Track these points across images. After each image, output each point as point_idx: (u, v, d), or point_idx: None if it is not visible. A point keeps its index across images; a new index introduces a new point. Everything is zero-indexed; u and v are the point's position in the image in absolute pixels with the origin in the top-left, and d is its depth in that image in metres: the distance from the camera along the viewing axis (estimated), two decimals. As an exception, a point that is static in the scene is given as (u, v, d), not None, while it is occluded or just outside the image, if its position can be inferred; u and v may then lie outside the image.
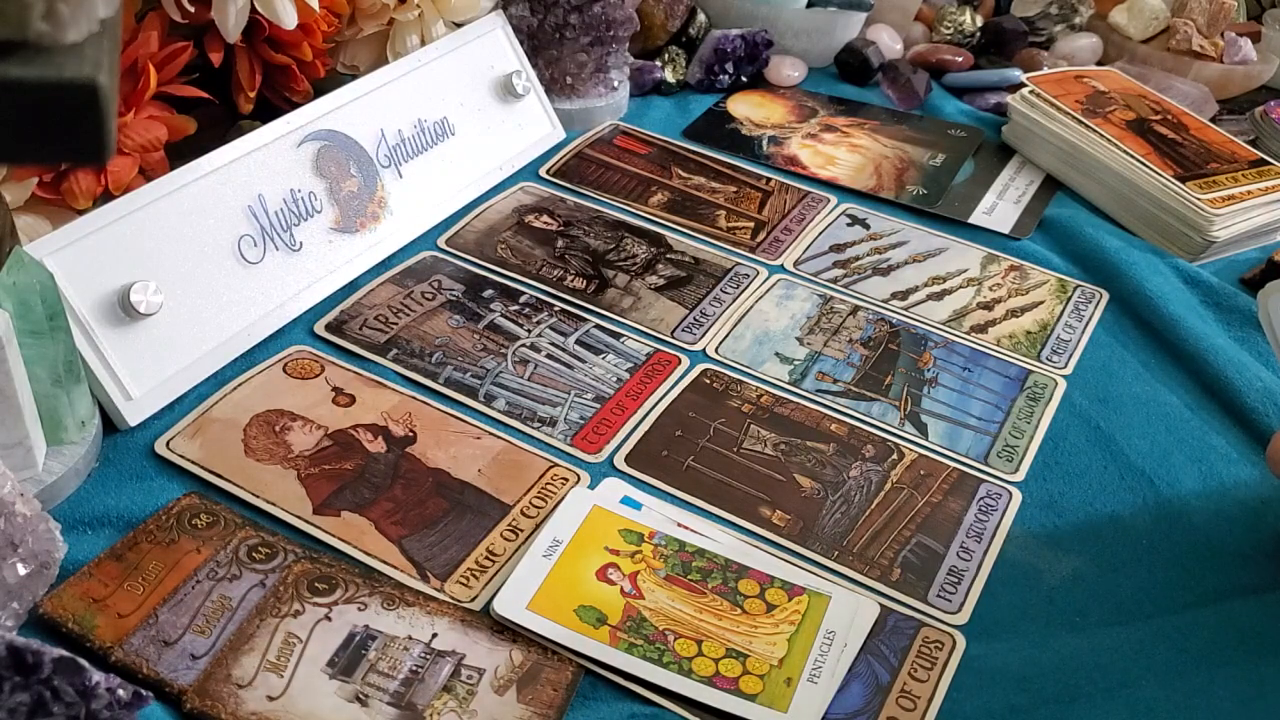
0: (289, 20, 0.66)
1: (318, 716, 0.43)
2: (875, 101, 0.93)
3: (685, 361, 0.63)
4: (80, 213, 0.57)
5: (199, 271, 0.59)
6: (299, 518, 0.51)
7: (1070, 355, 0.67)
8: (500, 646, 0.47)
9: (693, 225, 0.75)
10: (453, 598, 0.49)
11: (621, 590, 0.49)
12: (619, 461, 0.57)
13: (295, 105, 0.67)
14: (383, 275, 0.67)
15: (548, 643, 0.47)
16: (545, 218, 0.74)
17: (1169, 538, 0.56)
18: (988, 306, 0.71)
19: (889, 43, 0.98)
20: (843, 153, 0.85)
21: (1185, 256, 0.76)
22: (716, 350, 0.65)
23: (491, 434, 0.57)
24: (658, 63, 0.91)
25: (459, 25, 0.78)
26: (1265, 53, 1.00)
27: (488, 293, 0.67)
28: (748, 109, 0.90)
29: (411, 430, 0.57)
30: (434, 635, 0.47)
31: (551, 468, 0.56)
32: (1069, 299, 0.72)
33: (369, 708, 0.44)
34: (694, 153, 0.83)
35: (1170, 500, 0.58)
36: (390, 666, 0.45)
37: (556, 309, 0.66)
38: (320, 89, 0.69)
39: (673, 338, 0.65)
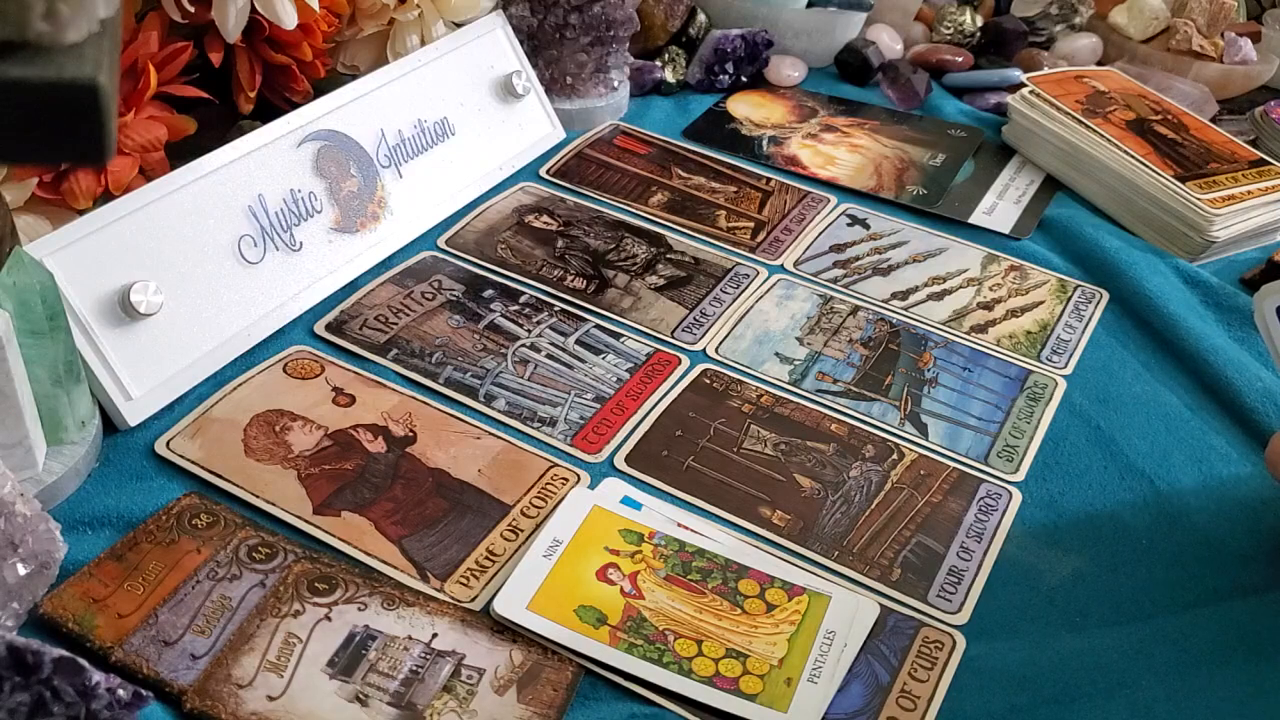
0: (289, 20, 0.66)
1: (318, 716, 0.43)
2: (875, 101, 0.93)
3: (685, 361, 0.63)
4: (80, 213, 0.57)
5: (199, 271, 0.59)
6: (299, 518, 0.51)
7: (1070, 355, 0.67)
8: (500, 646, 0.47)
9: (693, 225, 0.75)
10: (453, 598, 0.49)
11: (621, 590, 0.49)
12: (619, 461, 0.57)
13: (295, 105, 0.67)
14: (383, 275, 0.67)
15: (548, 643, 0.47)
16: (545, 218, 0.74)
17: (1169, 538, 0.56)
18: (988, 306, 0.71)
19: (889, 43, 0.98)
20: (843, 153, 0.85)
21: (1185, 256, 0.76)
22: (716, 350, 0.65)
23: (491, 434, 0.57)
24: (658, 63, 0.91)
25: (459, 25, 0.78)
26: (1265, 53, 1.00)
27: (488, 293, 0.67)
28: (748, 109, 0.90)
29: (411, 430, 0.57)
30: (434, 635, 0.47)
31: (551, 468, 0.56)
32: (1069, 299, 0.72)
33: (369, 708, 0.44)
34: (694, 153, 0.83)
35: (1170, 500, 0.58)
36: (390, 666, 0.45)
37: (556, 309, 0.66)
38: (320, 89, 0.69)
39: (673, 338, 0.65)
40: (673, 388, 0.61)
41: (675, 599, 0.49)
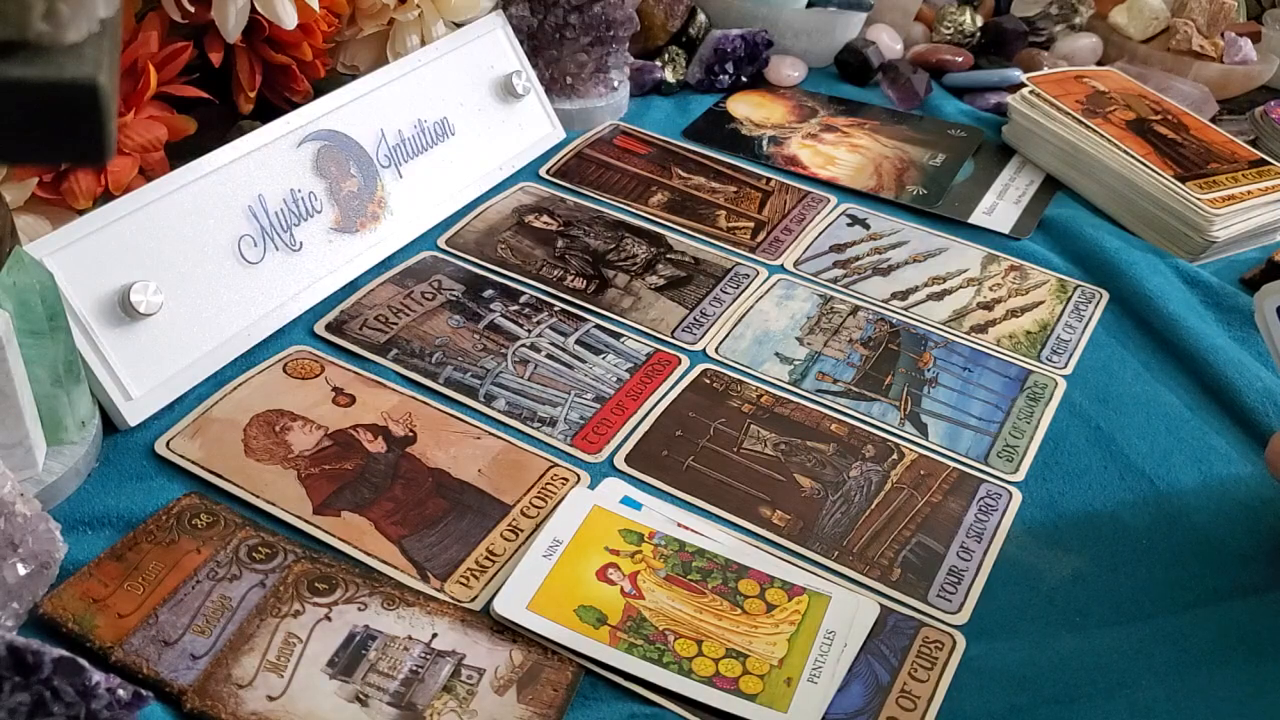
0: (289, 20, 0.66)
1: (318, 716, 0.43)
2: (875, 101, 0.93)
3: (685, 361, 0.63)
4: (80, 213, 0.57)
5: (199, 271, 0.59)
6: (299, 518, 0.51)
7: (1070, 355, 0.67)
8: (500, 646, 0.47)
9: (693, 225, 0.75)
10: (453, 598, 0.49)
11: (621, 590, 0.49)
12: (619, 461, 0.57)
13: (295, 105, 0.67)
14: (383, 275, 0.67)
15: (548, 643, 0.47)
16: (545, 218, 0.74)
17: (1169, 538, 0.56)
18: (988, 306, 0.71)
19: (889, 43, 0.98)
20: (843, 153, 0.85)
21: (1185, 256, 0.76)
22: (716, 350, 0.65)
23: (491, 434, 0.57)
24: (658, 63, 0.91)
25: (459, 25, 0.78)
26: (1265, 53, 1.00)
27: (488, 293, 0.67)
28: (748, 109, 0.90)
29: (411, 430, 0.57)
30: (434, 635, 0.47)
31: (551, 468, 0.56)
32: (1069, 299, 0.72)
33: (369, 708, 0.44)
34: (694, 153, 0.83)
35: (1170, 500, 0.58)
36: (390, 666, 0.45)
37: (556, 309, 0.66)
38: (320, 89, 0.69)
39: (673, 338, 0.65)
40: (673, 388, 0.61)
41: (675, 599, 0.49)
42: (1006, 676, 0.48)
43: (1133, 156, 0.78)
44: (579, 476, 0.55)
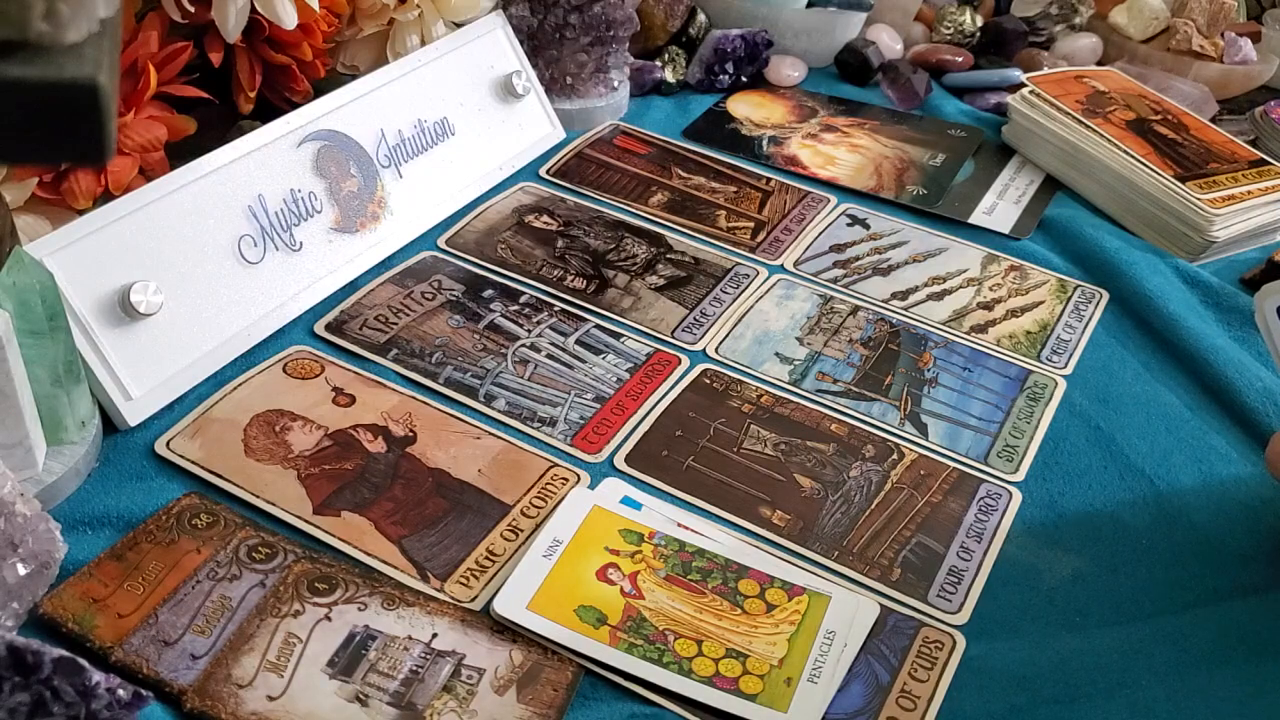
0: (289, 20, 0.66)
1: (318, 716, 0.43)
2: (875, 101, 0.93)
3: (685, 361, 0.63)
4: (80, 213, 0.57)
5: (199, 271, 0.59)
6: (299, 518, 0.51)
7: (1070, 355, 0.67)
8: (500, 646, 0.47)
9: (693, 225, 0.75)
10: (453, 598, 0.49)
11: (621, 590, 0.49)
12: (619, 461, 0.57)
13: (295, 105, 0.67)
14: (383, 275, 0.67)
15: (548, 643, 0.47)
16: (545, 218, 0.74)
17: (1169, 538, 0.56)
18: (988, 306, 0.71)
19: (889, 43, 0.98)
20: (843, 153, 0.85)
21: (1185, 256, 0.76)
22: (716, 350, 0.65)
23: (491, 434, 0.57)
24: (658, 63, 0.91)
25: (459, 25, 0.78)
26: (1265, 53, 1.00)
27: (488, 293, 0.67)
28: (748, 109, 0.90)
29: (411, 430, 0.57)
30: (434, 635, 0.47)
31: (551, 468, 0.56)
32: (1069, 299, 0.72)
33: (369, 708, 0.44)
34: (694, 153, 0.83)
35: (1170, 500, 0.58)
36: (390, 666, 0.45)
37: (556, 309, 0.66)
38: (320, 89, 0.69)
39: (673, 338, 0.65)
40: (673, 388, 0.61)
41: (675, 599, 0.49)
42: (1006, 676, 0.48)
43: (1133, 156, 0.78)
44: (579, 476, 0.55)
